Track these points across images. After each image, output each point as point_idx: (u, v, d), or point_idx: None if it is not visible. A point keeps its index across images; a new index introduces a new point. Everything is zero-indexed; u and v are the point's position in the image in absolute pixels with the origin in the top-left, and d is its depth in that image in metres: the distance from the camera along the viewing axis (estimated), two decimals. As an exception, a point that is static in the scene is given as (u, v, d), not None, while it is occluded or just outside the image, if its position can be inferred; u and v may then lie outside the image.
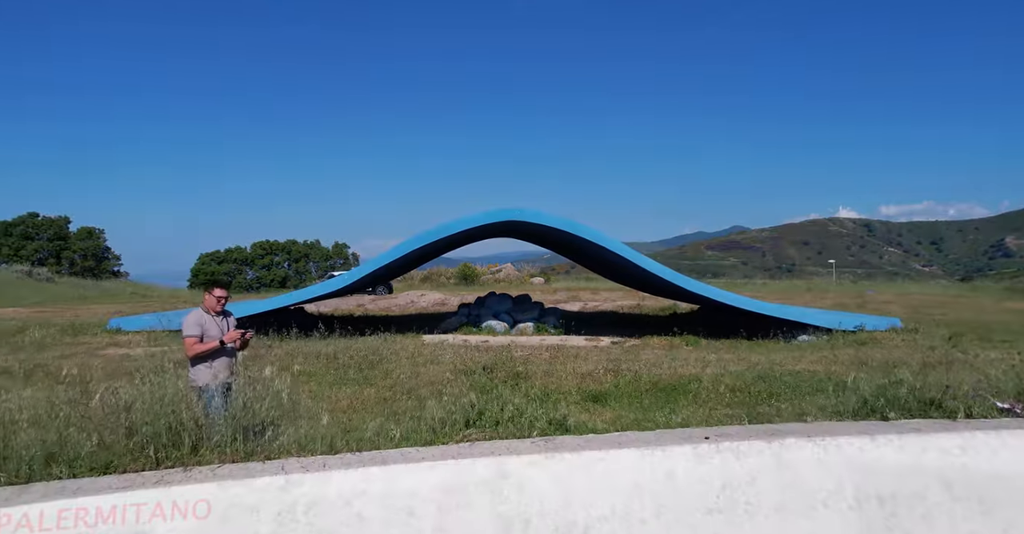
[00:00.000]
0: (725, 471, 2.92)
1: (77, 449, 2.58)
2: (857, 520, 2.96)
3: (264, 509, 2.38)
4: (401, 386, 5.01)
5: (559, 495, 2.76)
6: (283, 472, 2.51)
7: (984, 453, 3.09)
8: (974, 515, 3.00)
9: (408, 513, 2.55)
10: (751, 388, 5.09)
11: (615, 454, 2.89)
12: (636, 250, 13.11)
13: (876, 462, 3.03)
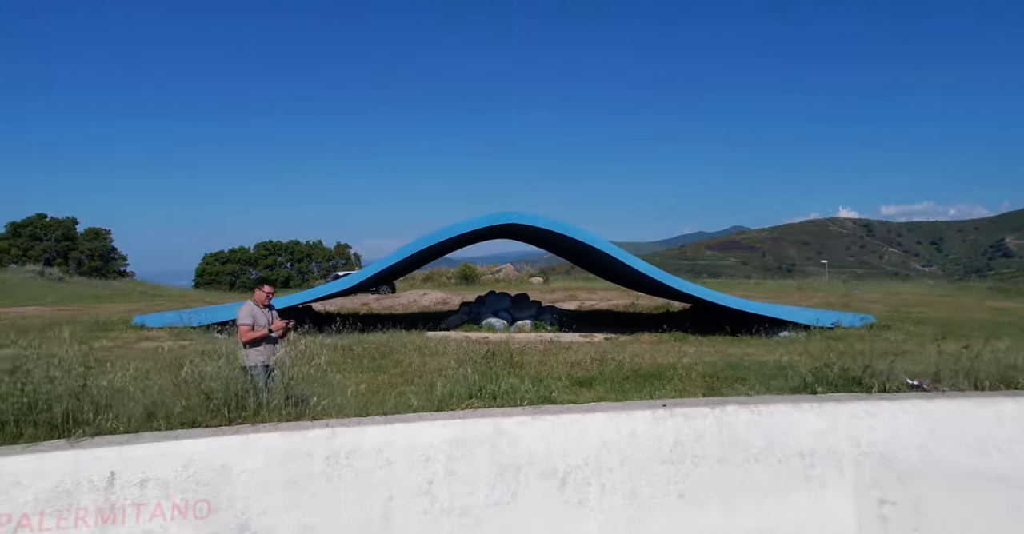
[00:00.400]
0: (677, 431, 3.66)
1: (170, 409, 3.33)
2: (783, 471, 3.69)
3: (316, 454, 3.13)
4: (412, 372, 5.74)
5: (543, 448, 3.49)
6: (328, 427, 3.25)
7: (887, 418, 3.82)
8: (877, 465, 3.73)
9: (425, 459, 3.29)
10: (720, 374, 5.82)
11: (588, 417, 3.64)
12: (635, 249, 13.86)
13: (799, 424, 3.77)
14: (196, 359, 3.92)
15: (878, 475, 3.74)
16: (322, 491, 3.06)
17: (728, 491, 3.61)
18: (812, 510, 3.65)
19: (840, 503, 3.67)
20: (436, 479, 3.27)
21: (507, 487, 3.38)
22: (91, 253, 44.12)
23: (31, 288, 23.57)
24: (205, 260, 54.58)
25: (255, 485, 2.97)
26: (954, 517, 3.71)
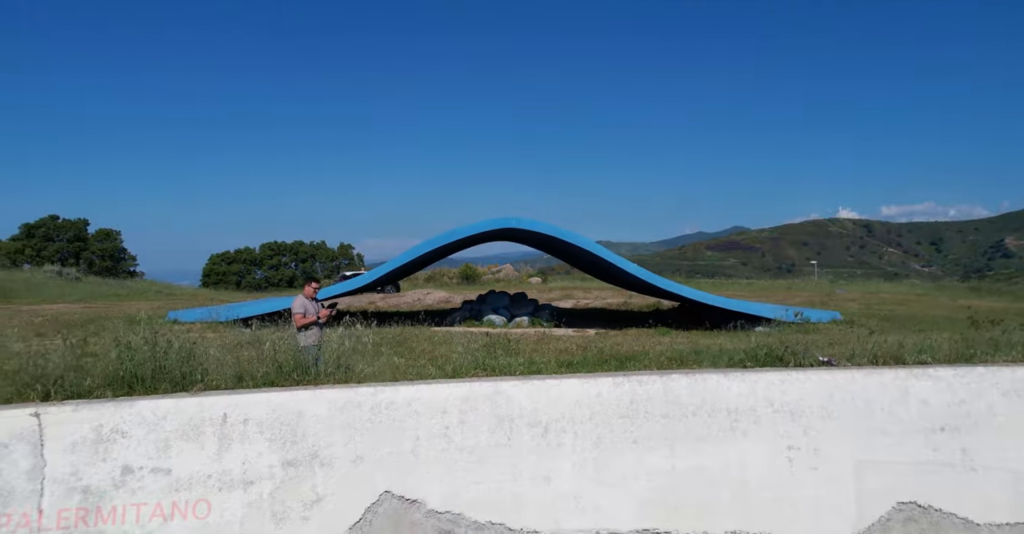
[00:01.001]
0: (632, 393, 4.80)
1: (254, 374, 4.50)
2: (713, 423, 4.82)
3: (364, 405, 4.27)
4: (426, 355, 6.86)
5: (531, 405, 4.64)
6: (372, 386, 4.40)
7: (795, 384, 4.97)
8: (786, 420, 4.86)
9: (443, 411, 4.43)
10: (682, 358, 6.96)
11: (565, 382, 4.79)
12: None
13: (727, 389, 4.91)
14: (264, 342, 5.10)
15: (787, 427, 4.87)
16: (368, 431, 4.21)
17: (672, 438, 4.76)
18: (736, 453, 4.79)
19: (757, 448, 4.82)
20: (451, 425, 4.42)
21: (504, 433, 4.53)
22: (102, 254, 45.33)
23: (54, 287, 24.75)
24: (212, 260, 55.89)
25: (321, 426, 4.12)
26: (843, 459, 4.87)
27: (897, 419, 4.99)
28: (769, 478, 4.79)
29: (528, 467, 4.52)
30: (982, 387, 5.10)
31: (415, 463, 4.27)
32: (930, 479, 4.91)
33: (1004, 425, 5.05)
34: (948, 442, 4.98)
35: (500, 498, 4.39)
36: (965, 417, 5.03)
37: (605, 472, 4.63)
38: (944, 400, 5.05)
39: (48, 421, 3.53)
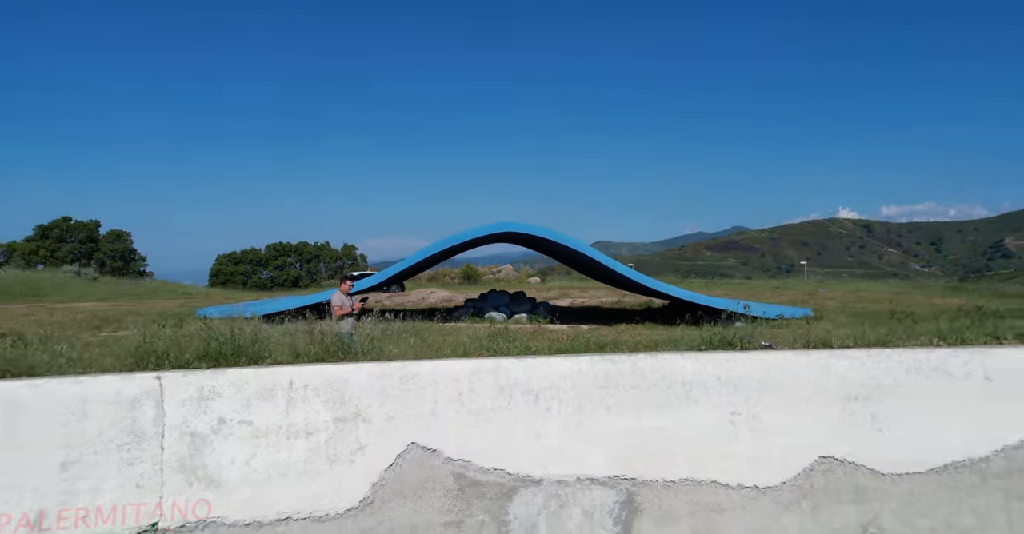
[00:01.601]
0: (607, 369, 6.01)
1: (307, 352, 5.71)
2: (671, 393, 6.01)
3: (394, 375, 5.48)
4: (436, 344, 8.08)
5: (525, 377, 5.84)
6: (401, 362, 5.62)
7: (738, 363, 6.17)
8: (731, 392, 6.06)
9: (456, 381, 5.64)
10: (655, 345, 8.18)
11: (553, 359, 5.99)
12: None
13: (682, 366, 6.11)
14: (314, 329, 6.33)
15: (731, 397, 6.07)
16: (398, 396, 5.42)
17: (638, 404, 5.96)
18: (689, 417, 5.99)
19: (706, 413, 6.02)
20: (463, 392, 5.63)
21: (504, 399, 5.73)
22: (113, 254, 46.59)
23: (76, 286, 25.98)
24: (219, 261, 57.12)
25: (362, 391, 5.33)
26: (776, 422, 6.06)
27: (820, 390, 6.20)
28: (715, 437, 6.00)
29: (522, 426, 5.72)
30: (889, 365, 6.32)
31: (434, 421, 5.48)
32: (845, 438, 6.12)
33: (907, 395, 6.26)
34: (861, 409, 6.19)
35: (501, 449, 5.60)
36: (875, 389, 6.24)
37: (584, 431, 5.83)
38: (858, 375, 6.26)
39: (166, 383, 4.75)
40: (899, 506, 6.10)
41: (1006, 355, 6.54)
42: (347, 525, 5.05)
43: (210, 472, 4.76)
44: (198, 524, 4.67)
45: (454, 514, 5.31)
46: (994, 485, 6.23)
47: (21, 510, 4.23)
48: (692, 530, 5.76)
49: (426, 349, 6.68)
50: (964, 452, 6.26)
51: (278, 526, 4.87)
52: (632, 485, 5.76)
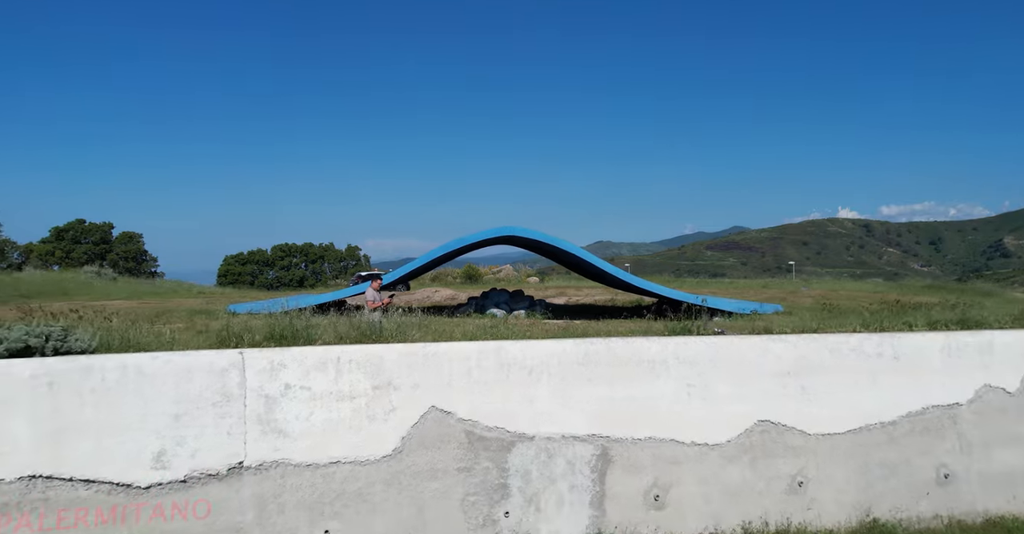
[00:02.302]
0: (586, 349, 7.47)
1: (350, 335, 7.20)
2: (638, 369, 7.47)
3: (418, 353, 6.97)
4: (448, 331, 9.55)
5: (521, 355, 7.31)
6: (423, 343, 7.12)
7: (693, 345, 7.63)
8: (687, 368, 7.52)
9: (466, 359, 7.12)
10: (633, 333, 9.66)
11: (544, 342, 7.47)
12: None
13: (648, 348, 7.57)
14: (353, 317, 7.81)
15: (687, 372, 7.53)
16: (421, 367, 6.89)
17: (611, 378, 7.42)
18: (653, 388, 7.45)
19: (667, 385, 7.48)
20: (472, 367, 7.10)
21: (503, 373, 7.20)
22: (125, 255, 48.13)
23: (99, 286, 27.47)
24: (226, 261, 58.64)
25: (393, 365, 6.80)
26: (723, 392, 7.52)
27: (760, 367, 7.67)
28: (674, 405, 7.47)
29: (519, 394, 7.19)
30: (816, 347, 7.80)
31: (449, 389, 6.95)
32: (779, 405, 7.60)
33: (830, 370, 7.74)
34: (793, 382, 7.67)
35: (502, 412, 7.07)
36: (805, 366, 7.72)
37: (568, 399, 7.30)
38: (791, 355, 7.74)
39: (247, 357, 6.24)
40: (822, 460, 7.60)
41: (912, 339, 8.04)
42: (382, 468, 6.53)
43: (279, 425, 6.24)
44: (272, 464, 6.15)
45: (465, 462, 6.79)
46: (899, 443, 7.74)
47: (149, 447, 5.72)
48: (654, 478, 7.24)
49: (442, 334, 8.16)
50: (876, 416, 7.76)
51: (330, 467, 6.35)
52: (606, 442, 7.24)
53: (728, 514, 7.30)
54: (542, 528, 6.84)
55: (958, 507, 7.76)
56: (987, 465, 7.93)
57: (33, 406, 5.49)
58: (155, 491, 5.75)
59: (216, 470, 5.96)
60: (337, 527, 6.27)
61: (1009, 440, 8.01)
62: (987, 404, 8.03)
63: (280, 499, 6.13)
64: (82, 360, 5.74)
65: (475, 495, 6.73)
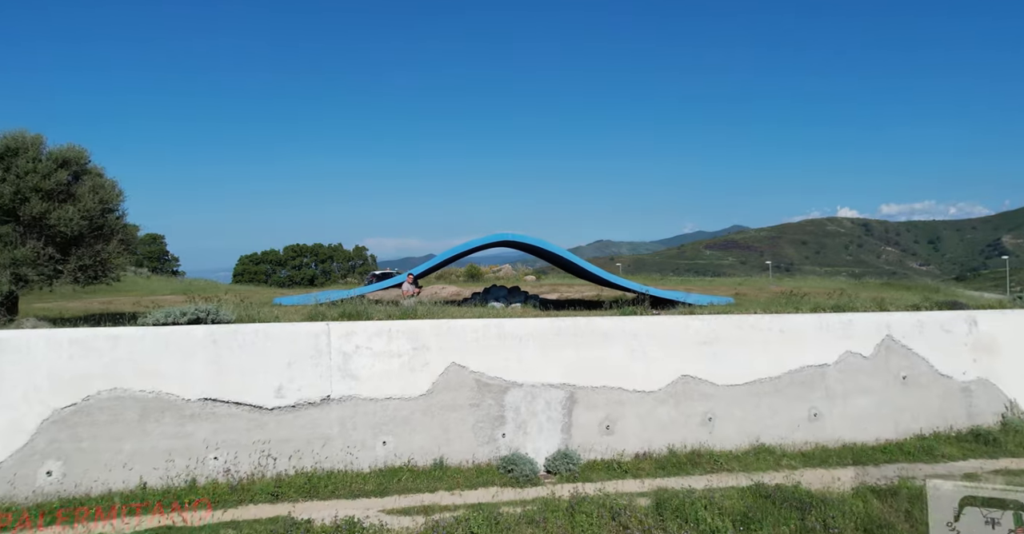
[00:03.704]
0: (559, 324, 10.60)
1: (393, 314, 10.39)
2: (595, 338, 10.59)
3: (442, 326, 10.11)
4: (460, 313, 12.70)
5: (513, 328, 10.46)
6: (445, 319, 10.31)
7: (634, 322, 10.76)
8: (631, 338, 10.62)
9: (474, 330, 10.26)
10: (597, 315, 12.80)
11: (529, 319, 10.62)
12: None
13: (602, 324, 10.70)
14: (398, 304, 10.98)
15: (631, 341, 10.65)
16: (446, 335, 10.04)
17: (577, 344, 10.54)
18: (606, 351, 10.58)
19: (616, 349, 10.61)
20: (479, 336, 10.25)
21: (501, 341, 10.34)
22: (149, 255, 51.26)
23: (142, 284, 30.63)
24: (241, 261, 61.90)
25: (426, 334, 9.97)
26: (657, 355, 10.67)
27: (683, 337, 10.81)
28: (620, 362, 10.59)
29: (512, 354, 10.33)
30: (724, 323, 10.95)
31: (465, 350, 10.10)
32: (697, 364, 10.75)
33: (733, 340, 10.88)
34: (706, 348, 10.82)
35: (501, 366, 10.20)
36: (715, 337, 10.87)
37: (547, 358, 10.43)
38: (706, 329, 10.89)
39: (331, 326, 9.41)
40: (725, 403, 10.75)
41: (794, 318, 11.21)
42: (419, 403, 9.69)
43: (352, 372, 9.40)
44: (348, 397, 9.31)
45: (475, 400, 9.94)
46: (782, 392, 10.90)
47: (272, 383, 8.89)
48: (606, 413, 10.39)
49: (458, 315, 11.34)
50: (766, 373, 10.92)
51: (386, 401, 9.51)
52: (573, 388, 10.38)
53: (658, 439, 10.46)
54: (528, 446, 10.00)
55: (823, 436, 10.94)
56: (845, 408, 11.10)
57: (204, 354, 8.67)
58: (276, 412, 8.93)
59: (314, 400, 9.13)
60: (391, 440, 9.44)
61: (862, 390, 11.18)
62: (848, 365, 11.20)
63: (354, 420, 9.30)
64: (232, 326, 8.93)
65: (482, 422, 9.89)
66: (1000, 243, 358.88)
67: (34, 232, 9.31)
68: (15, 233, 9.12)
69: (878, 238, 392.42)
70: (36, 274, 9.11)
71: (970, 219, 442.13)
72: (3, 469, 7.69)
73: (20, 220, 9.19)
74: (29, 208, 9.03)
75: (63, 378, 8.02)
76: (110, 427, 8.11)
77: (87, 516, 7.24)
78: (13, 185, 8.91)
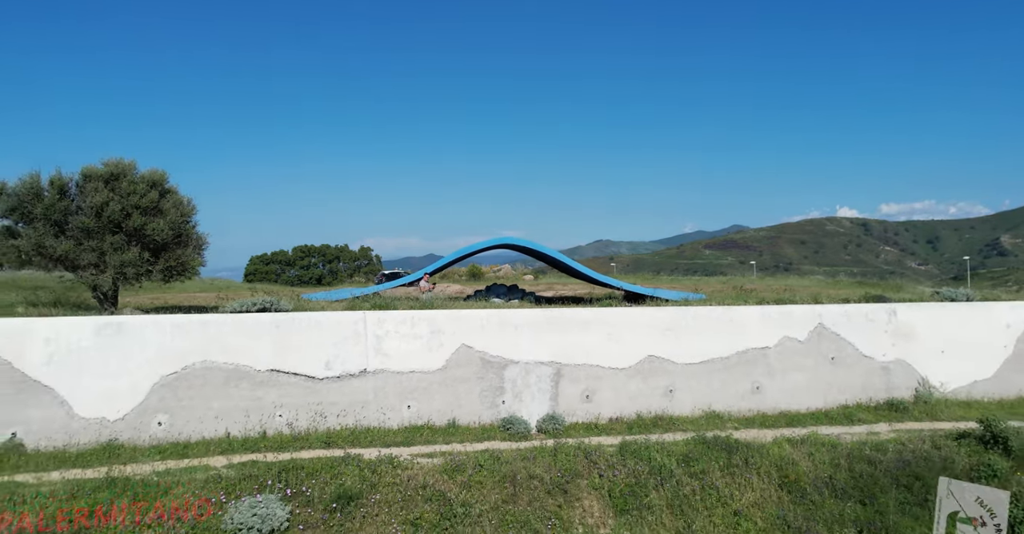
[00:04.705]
0: (549, 314, 13.05)
1: (415, 306, 12.88)
2: (577, 326, 13.03)
3: (454, 315, 12.62)
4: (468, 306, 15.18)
5: (513, 318, 12.90)
6: (456, 310, 12.81)
7: (610, 312, 13.22)
8: (607, 325, 13.07)
9: (481, 318, 12.70)
10: (585, 309, 15.28)
11: (526, 310, 13.10)
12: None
13: (583, 314, 13.17)
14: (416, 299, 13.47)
15: (607, 328, 13.03)
16: (457, 322, 12.50)
17: (563, 330, 12.96)
18: (586, 336, 12.99)
19: (594, 335, 13.03)
20: (484, 324, 12.70)
21: (502, 328, 12.79)
22: (166, 256, 53.81)
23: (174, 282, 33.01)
24: (252, 261, 64.38)
25: (442, 320, 12.42)
26: (629, 339, 13.11)
27: (650, 325, 13.26)
28: (599, 345, 13.04)
29: (511, 338, 12.78)
30: (685, 314, 13.41)
31: (472, 334, 12.55)
32: (662, 345, 13.20)
33: (692, 328, 13.34)
34: (670, 333, 13.27)
35: (501, 347, 12.65)
36: (678, 324, 13.32)
37: (539, 340, 12.87)
38: (669, 318, 13.34)
39: (367, 315, 11.89)
40: (684, 378, 13.22)
41: (740, 310, 13.69)
42: (436, 376, 12.16)
43: (384, 351, 11.86)
44: (381, 370, 11.77)
45: (481, 374, 12.40)
46: (731, 369, 13.38)
47: (322, 359, 11.36)
48: (586, 385, 12.84)
49: (466, 308, 13.80)
50: (717, 353, 13.39)
51: (410, 374, 11.97)
52: (560, 366, 12.84)
53: (628, 407, 12.92)
54: (523, 410, 12.46)
55: (764, 405, 13.41)
56: (783, 383, 13.57)
57: (270, 336, 11.14)
58: (326, 381, 11.40)
59: (354, 372, 11.60)
60: (414, 404, 11.91)
61: (796, 368, 13.64)
62: (785, 347, 13.66)
63: (385, 388, 11.77)
64: (291, 314, 11.41)
65: (486, 391, 12.36)
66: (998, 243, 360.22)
67: (134, 240, 11.78)
68: (121, 241, 11.59)
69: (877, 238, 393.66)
70: (135, 273, 11.59)
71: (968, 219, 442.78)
72: (128, 419, 10.19)
73: (124, 230, 11.66)
74: (132, 222, 11.49)
75: (167, 353, 10.50)
76: (202, 389, 10.60)
77: (193, 454, 9.73)
78: (120, 203, 11.36)
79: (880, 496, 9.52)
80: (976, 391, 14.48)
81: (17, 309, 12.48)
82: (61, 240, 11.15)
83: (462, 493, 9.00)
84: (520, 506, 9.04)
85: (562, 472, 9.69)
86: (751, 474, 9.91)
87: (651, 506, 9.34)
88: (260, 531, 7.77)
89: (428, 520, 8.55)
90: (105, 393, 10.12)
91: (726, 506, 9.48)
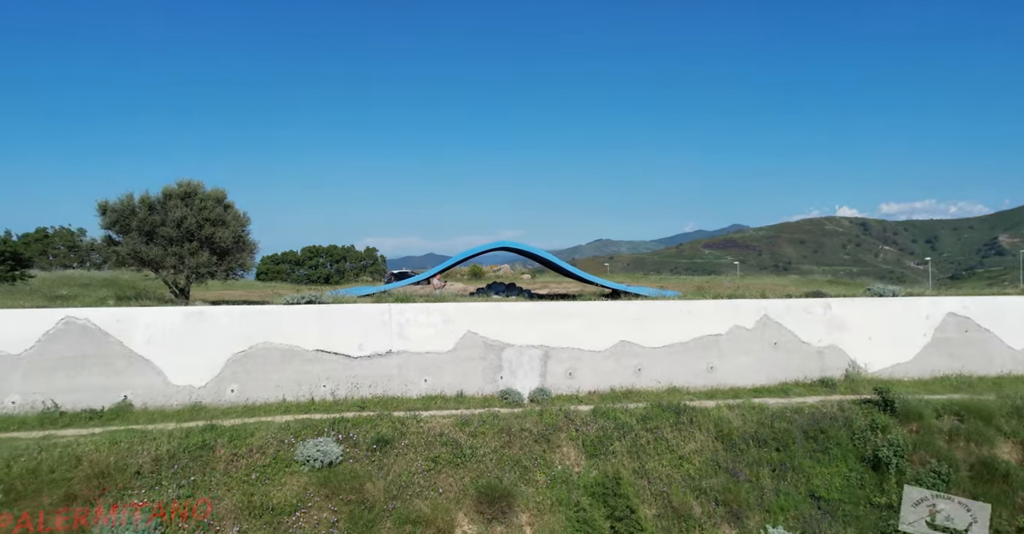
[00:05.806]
0: (537, 307, 15.89)
1: (429, 299, 15.73)
2: (563, 316, 15.84)
3: (463, 306, 15.47)
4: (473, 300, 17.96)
5: (510, 310, 15.72)
6: (465, 303, 15.68)
7: (589, 305, 16.05)
8: (585, 316, 15.89)
9: (483, 310, 15.56)
10: (571, 303, 18.12)
11: (520, 303, 15.93)
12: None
13: (567, 307, 15.98)
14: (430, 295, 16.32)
15: (586, 318, 15.85)
16: (465, 312, 15.34)
17: (551, 320, 15.77)
18: (569, 324, 15.78)
19: (576, 323, 15.81)
20: (486, 316, 15.52)
21: (500, 316, 15.61)
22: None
23: (197, 281, 35.87)
24: (263, 261, 67.36)
25: (452, 311, 15.27)
26: (605, 327, 15.90)
27: (622, 315, 16.06)
28: (580, 332, 15.83)
29: (508, 326, 15.57)
30: (652, 306, 16.24)
31: (477, 323, 15.37)
32: (632, 332, 16.02)
33: (657, 318, 16.16)
34: (639, 322, 16.09)
35: (499, 332, 15.48)
36: (646, 315, 16.14)
37: (531, 328, 15.67)
38: (639, 310, 16.16)
39: (391, 306, 14.75)
40: (650, 359, 16.05)
41: (699, 303, 16.55)
42: (448, 356, 15.00)
43: (406, 335, 14.70)
44: (403, 351, 14.62)
45: (483, 354, 15.23)
46: (690, 352, 16.23)
47: (355, 341, 14.21)
48: (569, 365, 15.67)
49: (472, 302, 16.67)
50: (679, 338, 16.23)
51: (427, 354, 14.81)
52: (548, 348, 15.66)
53: (604, 382, 15.75)
54: (517, 384, 15.30)
55: (717, 382, 16.25)
56: (732, 363, 16.40)
57: (316, 322, 13.99)
58: (359, 359, 14.25)
59: (381, 352, 14.45)
60: (430, 378, 14.75)
61: (744, 352, 16.48)
62: (735, 334, 16.49)
63: (407, 366, 14.62)
64: (331, 306, 14.28)
65: (488, 369, 15.20)
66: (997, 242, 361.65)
67: (205, 246, 14.67)
68: (195, 247, 14.47)
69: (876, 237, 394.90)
70: (207, 273, 14.45)
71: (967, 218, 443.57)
72: (208, 387, 13.06)
73: (197, 238, 14.53)
74: (204, 231, 14.36)
75: (237, 335, 13.36)
76: (264, 365, 13.46)
77: (260, 413, 12.59)
78: (195, 217, 14.23)
79: (792, 445, 12.36)
80: (898, 372, 17.31)
81: (108, 302, 15.30)
82: (151, 246, 14.02)
83: (470, 440, 11.85)
84: (514, 450, 11.89)
85: (546, 427, 12.54)
86: (694, 429, 12.74)
87: (615, 452, 12.18)
88: (322, 462, 10.62)
89: (444, 458, 11.40)
90: (191, 366, 12.99)
91: (673, 452, 12.32)
